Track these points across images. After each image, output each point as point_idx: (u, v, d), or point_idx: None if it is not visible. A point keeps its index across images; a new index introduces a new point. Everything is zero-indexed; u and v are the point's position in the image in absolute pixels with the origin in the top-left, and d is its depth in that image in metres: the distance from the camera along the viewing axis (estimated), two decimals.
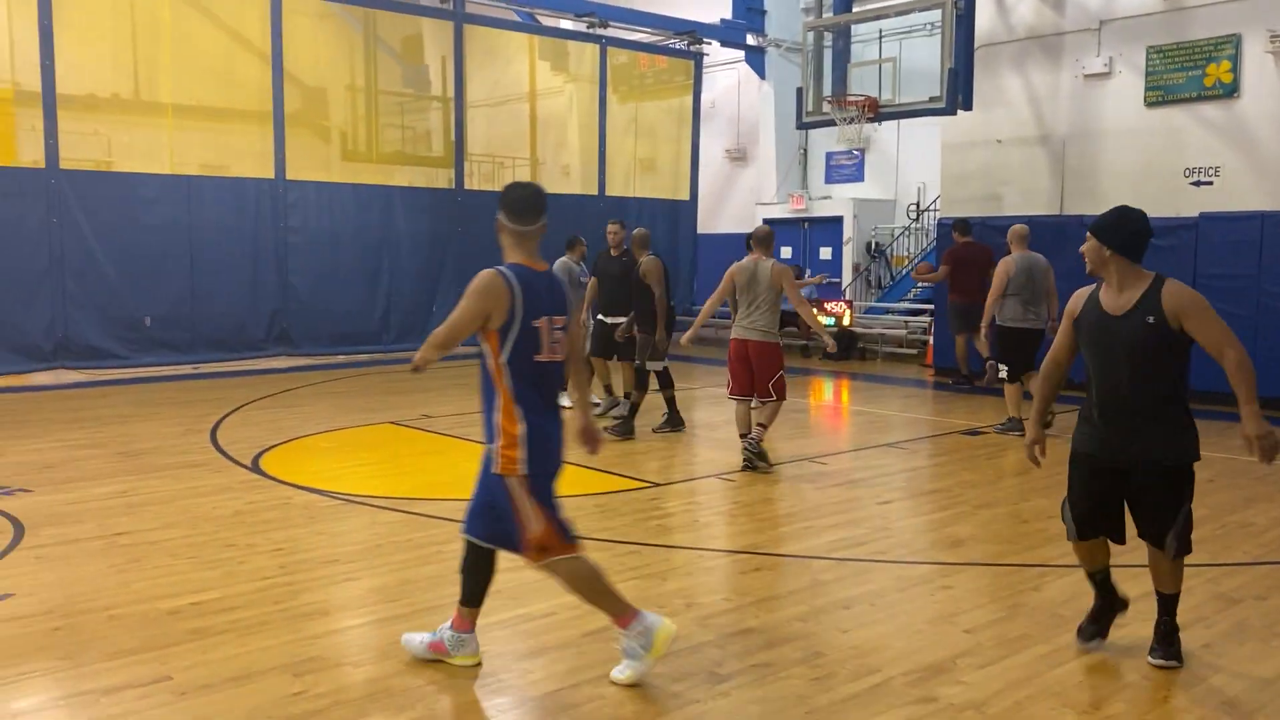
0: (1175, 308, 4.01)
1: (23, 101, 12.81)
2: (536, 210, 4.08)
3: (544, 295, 3.99)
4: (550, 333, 4.00)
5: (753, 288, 7.95)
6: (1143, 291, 4.09)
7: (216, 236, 13.63)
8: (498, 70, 18.18)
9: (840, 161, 19.44)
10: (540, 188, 4.19)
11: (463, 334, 3.95)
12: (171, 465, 7.97)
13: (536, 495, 3.97)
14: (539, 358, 3.97)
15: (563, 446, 4.08)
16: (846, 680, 4.11)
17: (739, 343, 8.03)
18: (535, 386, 3.98)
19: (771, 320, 7.96)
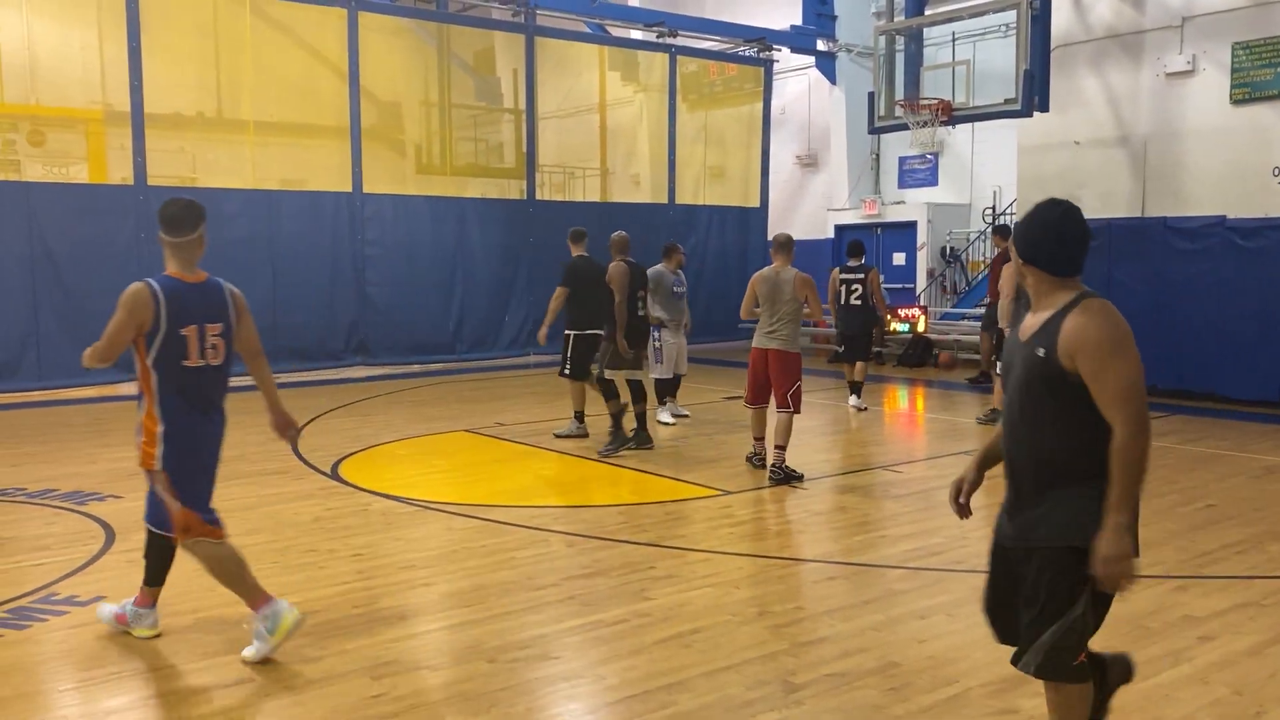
0: (1071, 340, 2.90)
1: (113, 121, 13.29)
2: (187, 224, 4.45)
3: (195, 304, 4.38)
4: (203, 339, 4.39)
5: (775, 298, 7.97)
6: (1051, 314, 3.01)
7: (296, 249, 13.97)
8: (568, 81, 18.35)
9: (913, 166, 19.21)
10: (192, 203, 4.53)
11: (118, 343, 4.31)
12: (254, 473, 8.17)
13: (178, 486, 4.35)
14: (187, 363, 4.35)
15: (212, 444, 4.55)
16: (923, 691, 4.05)
17: (759, 352, 8.06)
18: (182, 390, 4.36)
19: (793, 331, 7.99)
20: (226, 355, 4.51)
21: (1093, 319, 2.92)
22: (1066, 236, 3.08)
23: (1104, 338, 2.89)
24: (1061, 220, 3.08)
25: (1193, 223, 12.12)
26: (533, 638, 4.62)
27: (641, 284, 9.23)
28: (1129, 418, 2.83)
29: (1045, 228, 3.08)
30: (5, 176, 12.90)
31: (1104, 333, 2.90)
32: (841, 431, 10.63)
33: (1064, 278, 3.06)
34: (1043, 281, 3.09)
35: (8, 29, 12.53)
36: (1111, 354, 2.87)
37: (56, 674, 4.29)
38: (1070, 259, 3.06)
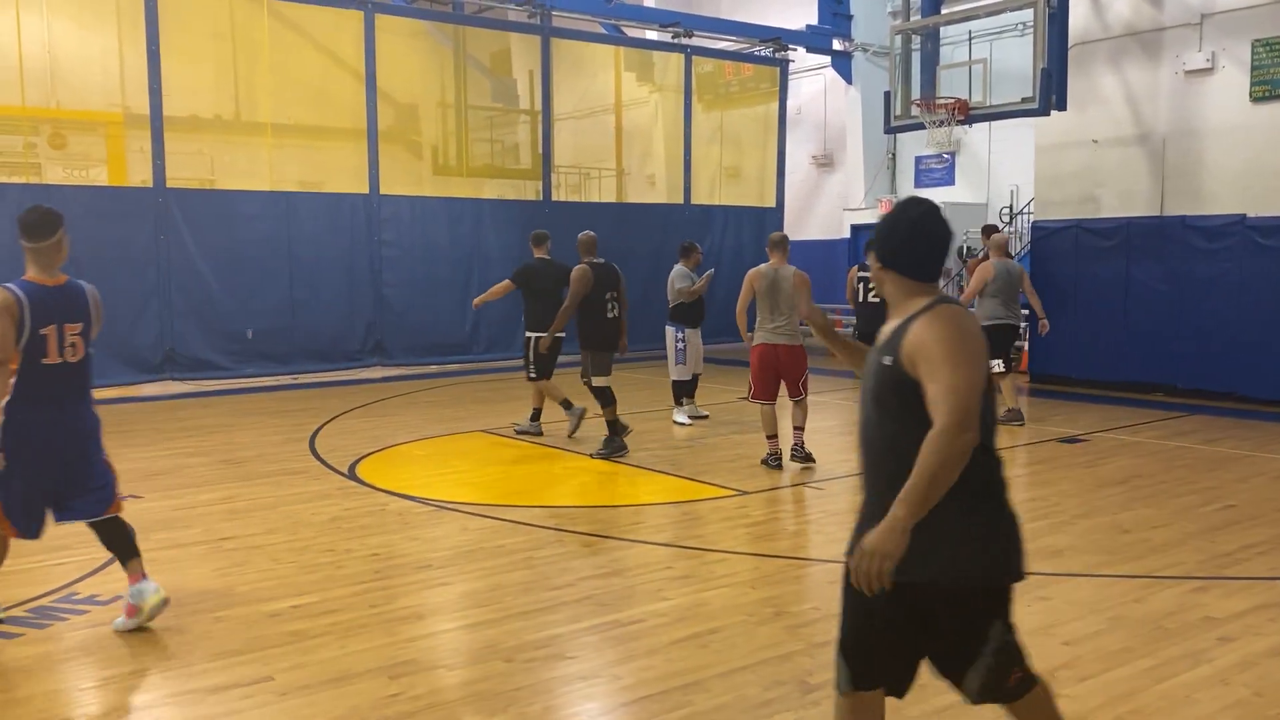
0: (912, 346, 2.67)
1: (132, 124, 13.40)
2: (45, 230, 4.63)
3: (54, 306, 4.57)
4: (61, 339, 4.58)
5: (774, 294, 8.13)
6: (900, 321, 2.78)
7: (314, 251, 14.03)
8: (584, 82, 18.38)
9: (930, 165, 19.15)
10: (50, 211, 4.73)
11: (6, 345, 4.44)
12: (272, 472, 8.22)
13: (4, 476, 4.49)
14: (46, 360, 4.53)
15: (61, 439, 4.63)
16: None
17: (769, 348, 8.20)
18: (37, 385, 4.53)
19: (795, 324, 8.25)
20: (85, 353, 4.71)
21: (936, 324, 2.66)
22: (927, 239, 2.82)
23: (944, 341, 2.62)
24: (922, 221, 2.82)
25: (1212, 221, 12.04)
26: (549, 637, 4.63)
27: (611, 285, 8.93)
28: (951, 410, 2.53)
29: (905, 229, 2.83)
30: (26, 179, 13.01)
31: (945, 336, 2.63)
32: (856, 432, 10.59)
33: (921, 283, 2.81)
34: (900, 288, 2.84)
35: (29, 33, 12.64)
36: (948, 357, 2.59)
37: (78, 673, 4.33)
38: (930, 263, 2.83)
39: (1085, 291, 13.16)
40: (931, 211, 2.85)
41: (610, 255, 10.10)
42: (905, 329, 2.72)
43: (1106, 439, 9.63)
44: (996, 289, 10.37)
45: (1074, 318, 13.24)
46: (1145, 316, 12.60)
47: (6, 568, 5.70)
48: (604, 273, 8.90)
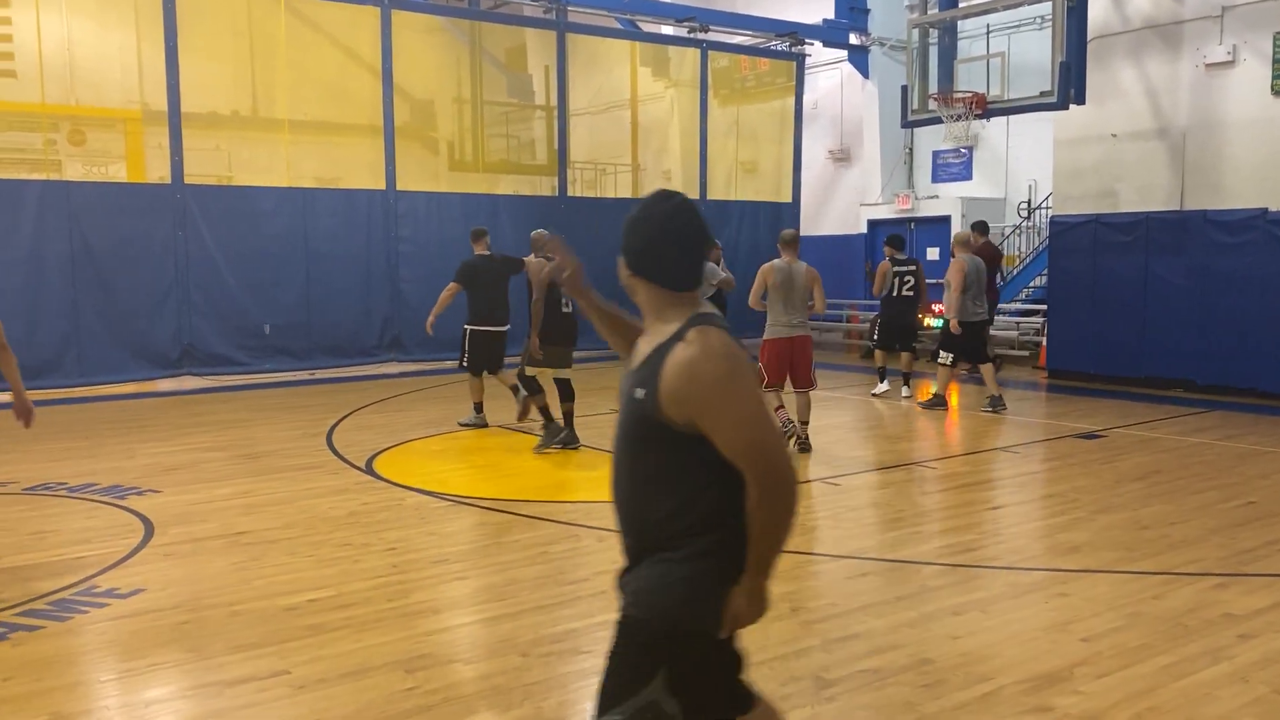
0: (673, 383, 2.31)
1: (150, 121, 13.47)
2: None
3: None
4: None
5: (788, 288, 8.51)
6: (658, 344, 2.40)
7: (331, 246, 14.08)
8: (599, 77, 18.36)
9: (947, 160, 19.05)
10: None
11: None
12: (290, 467, 8.26)
13: None
14: None
15: None
16: (957, 688, 4.02)
17: (784, 341, 8.63)
18: None
19: (806, 316, 8.72)
20: None
21: (702, 362, 2.29)
22: (678, 240, 2.44)
23: (719, 383, 2.28)
24: (672, 219, 2.44)
25: (1233, 215, 11.93)
26: (565, 632, 4.63)
27: None
28: (760, 473, 2.27)
29: (652, 228, 2.45)
30: (46, 176, 13.09)
31: (714, 374, 2.28)
32: (875, 427, 10.57)
33: (675, 293, 2.44)
34: (651, 299, 2.46)
35: (48, 30, 12.72)
36: (724, 399, 2.27)
37: (97, 665, 4.36)
38: (682, 269, 2.45)
39: (1104, 287, 13.08)
40: (682, 208, 2.46)
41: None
42: (662, 357, 2.34)
43: (1125, 435, 9.57)
44: (970, 284, 10.87)
45: (1092, 313, 13.16)
46: (1164, 312, 12.51)
47: (27, 561, 5.76)
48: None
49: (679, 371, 2.30)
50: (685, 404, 2.30)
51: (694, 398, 2.29)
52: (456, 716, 3.80)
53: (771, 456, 2.28)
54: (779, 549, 2.38)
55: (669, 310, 2.44)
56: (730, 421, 2.28)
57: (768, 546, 2.35)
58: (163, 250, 12.88)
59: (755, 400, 2.32)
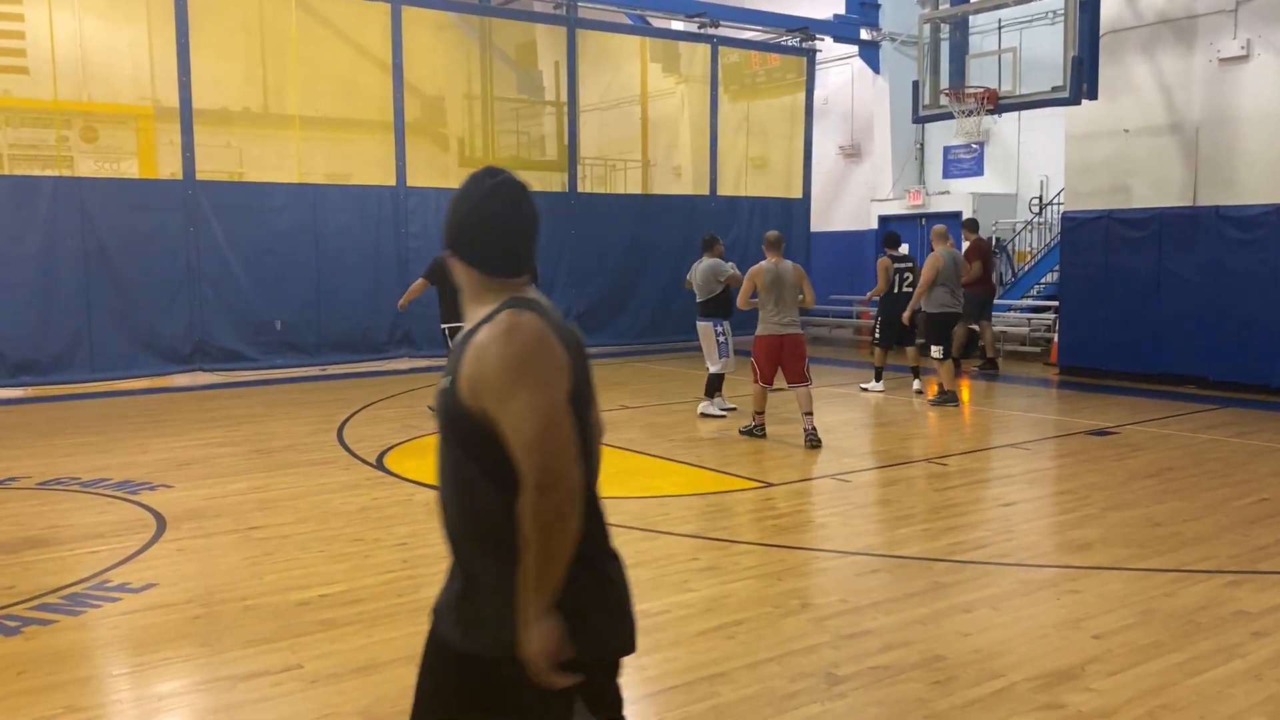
0: (471, 368, 2.11)
1: (162, 117, 13.51)
2: None
3: None
4: None
5: (779, 287, 8.80)
6: (468, 330, 2.21)
7: (341, 242, 14.11)
8: (609, 73, 18.34)
9: (959, 155, 19.00)
10: None
11: None
12: (301, 463, 8.28)
13: None
14: None
15: None
16: (968, 685, 4.01)
17: (775, 339, 8.86)
18: None
19: (797, 314, 8.99)
20: None
21: (496, 338, 2.09)
22: (499, 221, 2.24)
23: (508, 368, 2.06)
24: (493, 197, 2.24)
25: (1246, 211, 11.87)
26: None
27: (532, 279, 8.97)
28: (535, 467, 2.02)
29: (471, 207, 2.25)
30: (59, 172, 13.14)
31: (506, 355, 2.07)
32: (885, 424, 10.55)
33: (493, 278, 2.25)
34: (470, 283, 2.27)
35: (60, 27, 12.76)
36: (514, 384, 2.05)
37: (110, 659, 4.38)
38: (502, 253, 2.24)
39: (1116, 283, 13.03)
40: (507, 186, 2.25)
41: (636, 247, 10.26)
42: (468, 341, 2.16)
43: (1137, 431, 9.53)
44: (944, 278, 11.03)
45: (1104, 309, 13.11)
46: (1177, 308, 12.45)
47: (40, 556, 5.79)
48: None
49: (474, 353, 2.12)
50: (476, 389, 2.09)
51: (483, 381, 2.08)
52: None
53: (553, 457, 2.03)
54: (553, 570, 2.05)
55: (487, 295, 2.24)
56: (516, 410, 2.04)
57: (536, 563, 2.04)
58: (174, 246, 12.93)
59: (550, 392, 2.07)
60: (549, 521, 2.03)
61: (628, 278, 16.57)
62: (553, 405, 2.06)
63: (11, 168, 13.66)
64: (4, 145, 14.15)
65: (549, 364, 2.10)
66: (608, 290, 16.49)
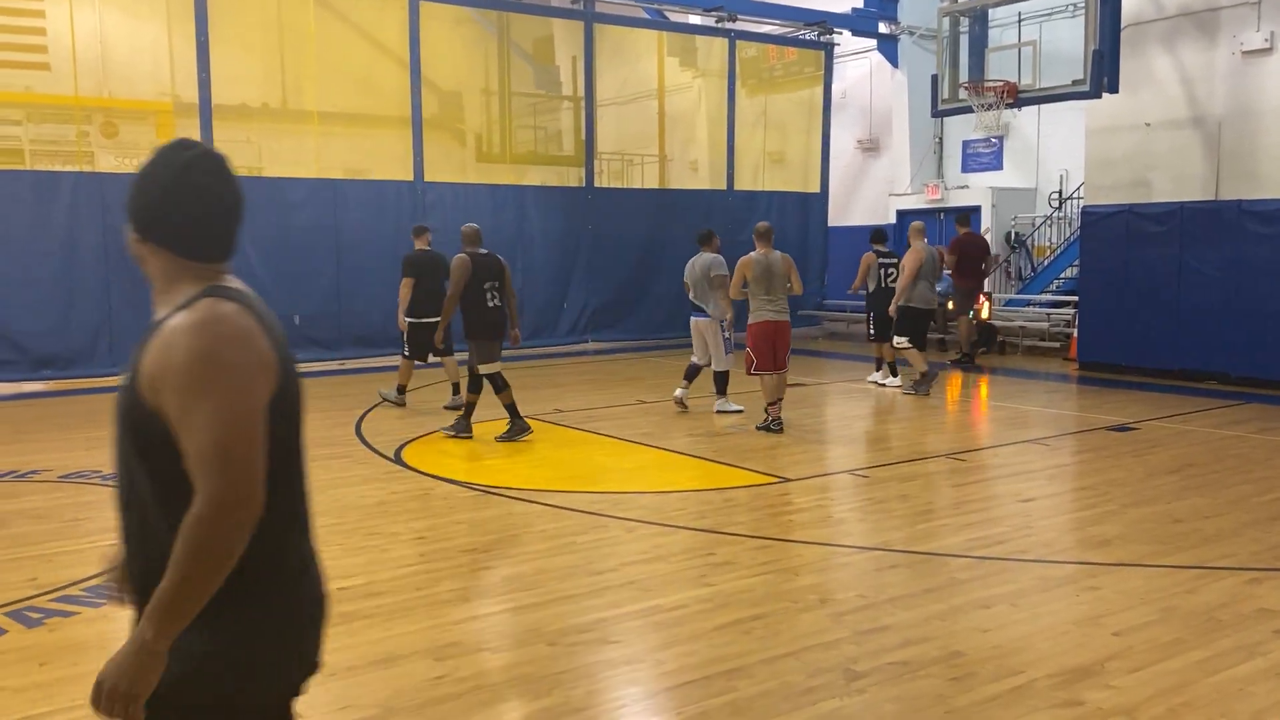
0: (153, 364, 1.85)
1: (181, 113, 13.59)
2: None
3: None
4: None
5: (769, 277, 9.12)
6: (155, 321, 1.94)
7: (360, 237, 14.16)
8: (627, 68, 18.33)
9: (978, 149, 18.88)
10: None
11: None
12: (319, 456, 8.31)
13: None
14: None
15: None
16: (987, 681, 3.99)
17: (770, 324, 9.15)
18: None
19: (787, 302, 9.30)
20: None
21: (189, 329, 1.82)
22: (198, 197, 1.95)
23: (196, 357, 1.80)
24: (190, 171, 1.95)
25: (1269, 205, 11.76)
26: (593, 622, 4.64)
27: (493, 275, 8.90)
28: (216, 486, 1.76)
29: (164, 182, 1.95)
30: (80, 168, 13.24)
31: (198, 349, 1.80)
32: (903, 419, 10.51)
33: (197, 263, 1.97)
34: (164, 268, 1.97)
35: (81, 24, 12.84)
36: (202, 383, 1.79)
37: None
38: (206, 231, 1.98)
39: (1136, 277, 12.93)
40: (209, 158, 1.98)
41: (652, 242, 10.32)
42: (154, 331, 1.89)
43: (1157, 427, 9.46)
44: (925, 273, 11.26)
45: (1124, 304, 13.02)
46: (1198, 303, 12.35)
47: (63, 548, 5.84)
48: (484, 263, 8.91)
49: (161, 344, 1.84)
50: (157, 386, 1.82)
51: (167, 377, 1.80)
52: (485, 705, 3.82)
53: (236, 473, 1.77)
54: (195, 598, 1.78)
55: (183, 282, 1.94)
56: (200, 413, 1.77)
57: (190, 578, 1.76)
58: None
59: (245, 397, 1.82)
60: (217, 547, 1.76)
61: (644, 273, 16.56)
62: (246, 412, 1.81)
63: (33, 163, 13.77)
64: (26, 141, 14.26)
65: (248, 363, 1.85)
66: (624, 285, 16.49)
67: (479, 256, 8.93)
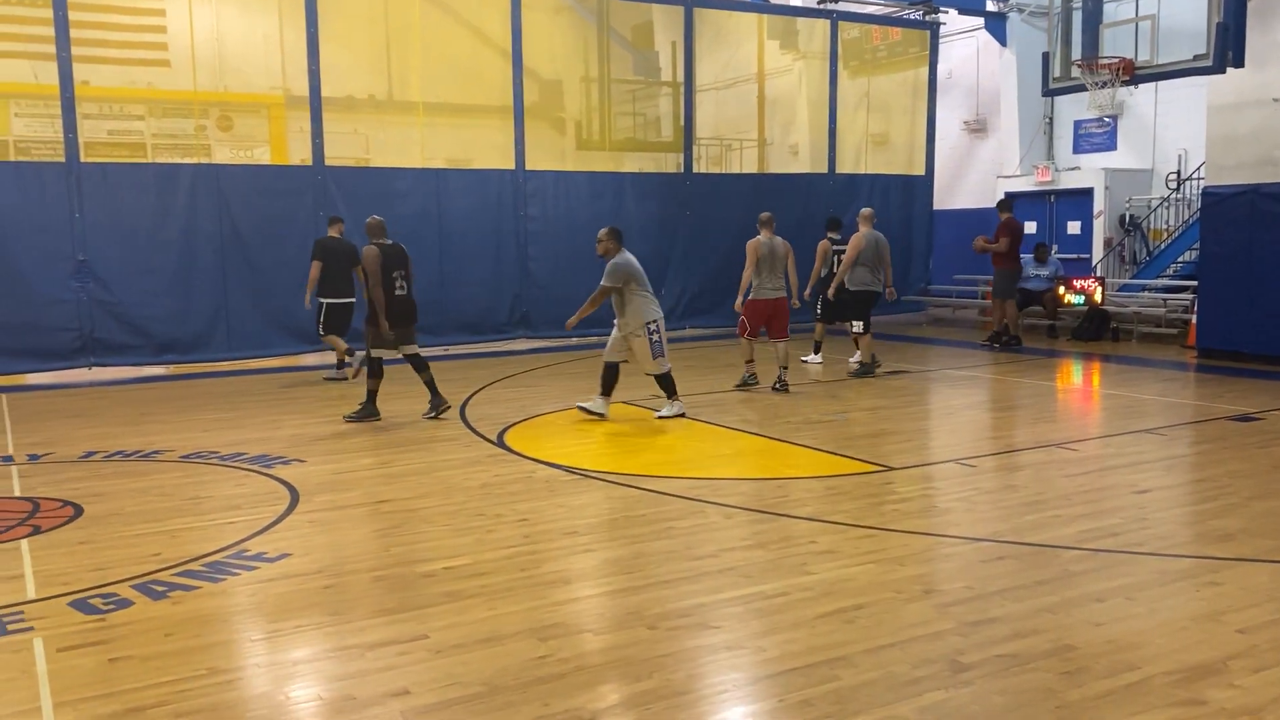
0: None
1: (292, 105, 14.01)
2: None
3: None
4: None
5: (771, 260, 10.38)
6: None
7: (462, 226, 14.39)
8: (726, 52, 18.20)
9: (1090, 129, 18.23)
10: None
11: None
12: (425, 440, 8.50)
13: None
14: None
15: None
16: (1101, 676, 3.87)
17: (766, 302, 10.44)
18: None
19: (784, 282, 10.53)
20: None
21: None
22: None
23: None
24: None
25: None
26: (692, 606, 4.65)
27: (399, 264, 9.26)
28: None
29: None
30: (197, 159, 13.75)
31: None
32: (1010, 408, 10.25)
33: None
34: None
35: (199, 22, 13.33)
36: None
37: (248, 624, 4.58)
38: None
39: (1261, 261, 12.33)
40: None
41: (751, 227, 10.35)
42: None
43: None
44: (865, 258, 11.62)
45: (1248, 289, 12.43)
46: None
47: (184, 525, 6.09)
48: (391, 253, 9.28)
49: None
50: None
51: None
52: (587, 686, 3.86)
53: None
54: None
55: None
56: None
57: None
58: (305, 229, 13.37)
59: None
60: None
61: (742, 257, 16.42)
62: None
63: (155, 156, 14.35)
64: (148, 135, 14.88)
65: None
66: (722, 270, 16.36)
67: (386, 247, 9.28)
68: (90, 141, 13.44)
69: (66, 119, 12.20)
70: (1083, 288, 15.45)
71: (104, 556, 5.48)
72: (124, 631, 4.43)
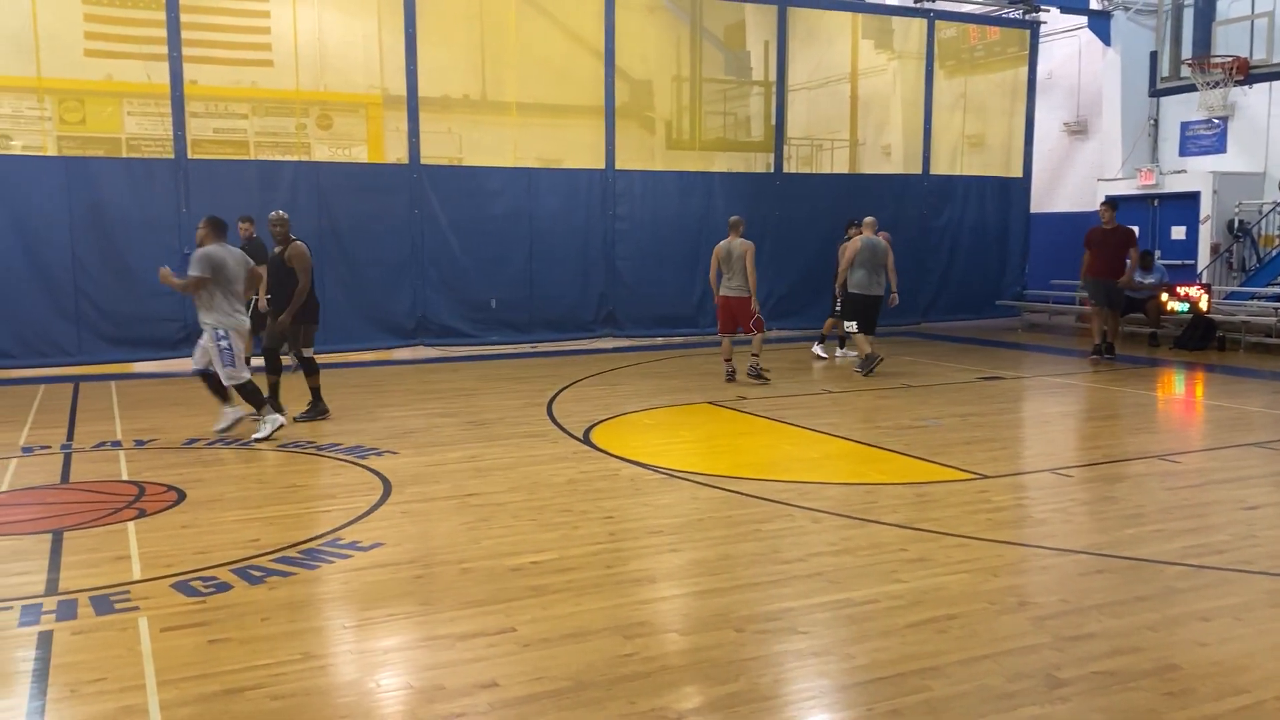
0: None
1: (390, 105, 14.30)
2: None
3: None
4: None
5: (729, 261, 11.05)
6: None
7: (552, 225, 14.53)
8: (819, 51, 18.01)
9: (1198, 131, 17.57)
10: None
11: None
12: (513, 435, 8.59)
13: None
14: None
15: None
16: (1207, 699, 3.72)
17: (727, 299, 11.16)
18: None
19: (744, 282, 11.07)
20: None
21: None
22: None
23: None
24: None
25: None
26: (780, 610, 4.60)
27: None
28: None
29: None
30: (298, 157, 14.11)
31: None
32: (1109, 418, 9.94)
33: None
34: None
35: (303, 23, 13.69)
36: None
37: (340, 612, 4.68)
38: None
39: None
40: None
41: (841, 228, 10.32)
42: None
43: None
44: (862, 261, 11.90)
45: None
46: None
47: (281, 512, 6.25)
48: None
49: None
50: None
51: None
52: (673, 686, 3.85)
53: None
54: None
55: None
56: None
57: None
58: (400, 227, 13.65)
59: None
60: None
61: (832, 259, 16.25)
62: None
63: (258, 153, 14.77)
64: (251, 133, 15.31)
65: None
66: (812, 272, 16.23)
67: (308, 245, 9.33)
68: (197, 139, 13.89)
69: (176, 117, 12.64)
70: (1187, 295, 14.91)
71: (205, 541, 5.66)
72: (223, 614, 4.56)
